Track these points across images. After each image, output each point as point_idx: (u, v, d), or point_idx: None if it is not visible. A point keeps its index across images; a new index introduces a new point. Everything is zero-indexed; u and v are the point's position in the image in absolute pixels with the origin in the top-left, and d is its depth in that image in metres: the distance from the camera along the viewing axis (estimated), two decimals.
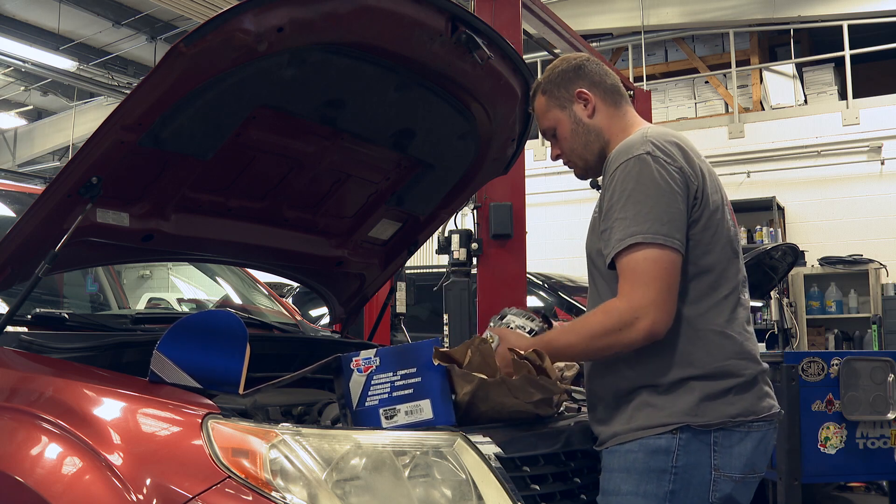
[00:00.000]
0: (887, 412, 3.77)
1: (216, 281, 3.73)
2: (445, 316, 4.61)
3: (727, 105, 10.20)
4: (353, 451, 1.55)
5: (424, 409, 1.77)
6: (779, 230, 9.07)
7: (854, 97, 9.26)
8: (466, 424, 1.75)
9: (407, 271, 4.54)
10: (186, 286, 4.02)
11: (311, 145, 2.32)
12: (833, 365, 3.79)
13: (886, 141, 8.98)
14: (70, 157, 2.19)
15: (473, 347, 1.87)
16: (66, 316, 2.23)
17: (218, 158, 2.13)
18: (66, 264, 2.31)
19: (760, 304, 7.33)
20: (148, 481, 1.51)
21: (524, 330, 2.03)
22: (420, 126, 2.39)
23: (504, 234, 4.38)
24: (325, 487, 1.49)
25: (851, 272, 8.58)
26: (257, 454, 1.51)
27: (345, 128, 2.29)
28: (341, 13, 1.88)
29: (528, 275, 4.86)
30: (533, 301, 6.14)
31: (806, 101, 9.74)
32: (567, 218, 9.94)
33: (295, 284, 5.60)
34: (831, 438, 3.77)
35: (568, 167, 2.07)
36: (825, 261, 8.67)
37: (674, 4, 10.33)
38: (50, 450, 1.63)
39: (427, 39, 2.05)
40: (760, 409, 1.82)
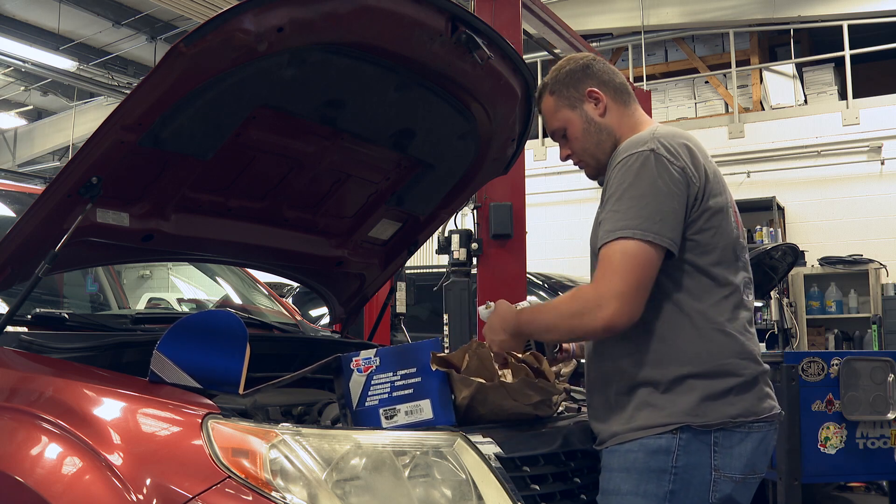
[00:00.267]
0: (887, 412, 3.77)
1: (216, 281, 3.72)
2: (445, 316, 4.61)
3: (727, 105, 10.20)
4: (353, 451, 1.55)
5: (424, 409, 1.77)
6: (779, 230, 9.07)
7: (854, 97, 9.25)
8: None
9: (407, 271, 4.54)
10: (186, 286, 4.02)
11: (311, 145, 2.32)
12: (833, 365, 3.79)
13: (886, 141, 8.98)
14: (70, 157, 2.19)
15: (471, 351, 1.87)
16: (66, 316, 2.23)
17: (218, 158, 2.13)
18: (66, 264, 2.31)
19: (760, 304, 7.34)
20: (148, 481, 1.51)
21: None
22: (420, 126, 2.39)
23: (504, 234, 4.39)
24: (325, 487, 1.49)
25: (851, 272, 8.59)
26: (257, 454, 1.51)
27: (345, 128, 2.29)
28: (341, 13, 1.88)
29: (528, 275, 4.87)
30: (533, 301, 6.12)
31: (806, 101, 9.74)
32: (567, 218, 9.95)
33: (295, 284, 5.60)
34: (831, 438, 3.77)
35: (579, 167, 2.07)
36: (825, 261, 8.67)
37: (674, 4, 10.33)
38: (50, 450, 1.63)
39: (427, 39, 2.05)
40: (761, 410, 1.82)
